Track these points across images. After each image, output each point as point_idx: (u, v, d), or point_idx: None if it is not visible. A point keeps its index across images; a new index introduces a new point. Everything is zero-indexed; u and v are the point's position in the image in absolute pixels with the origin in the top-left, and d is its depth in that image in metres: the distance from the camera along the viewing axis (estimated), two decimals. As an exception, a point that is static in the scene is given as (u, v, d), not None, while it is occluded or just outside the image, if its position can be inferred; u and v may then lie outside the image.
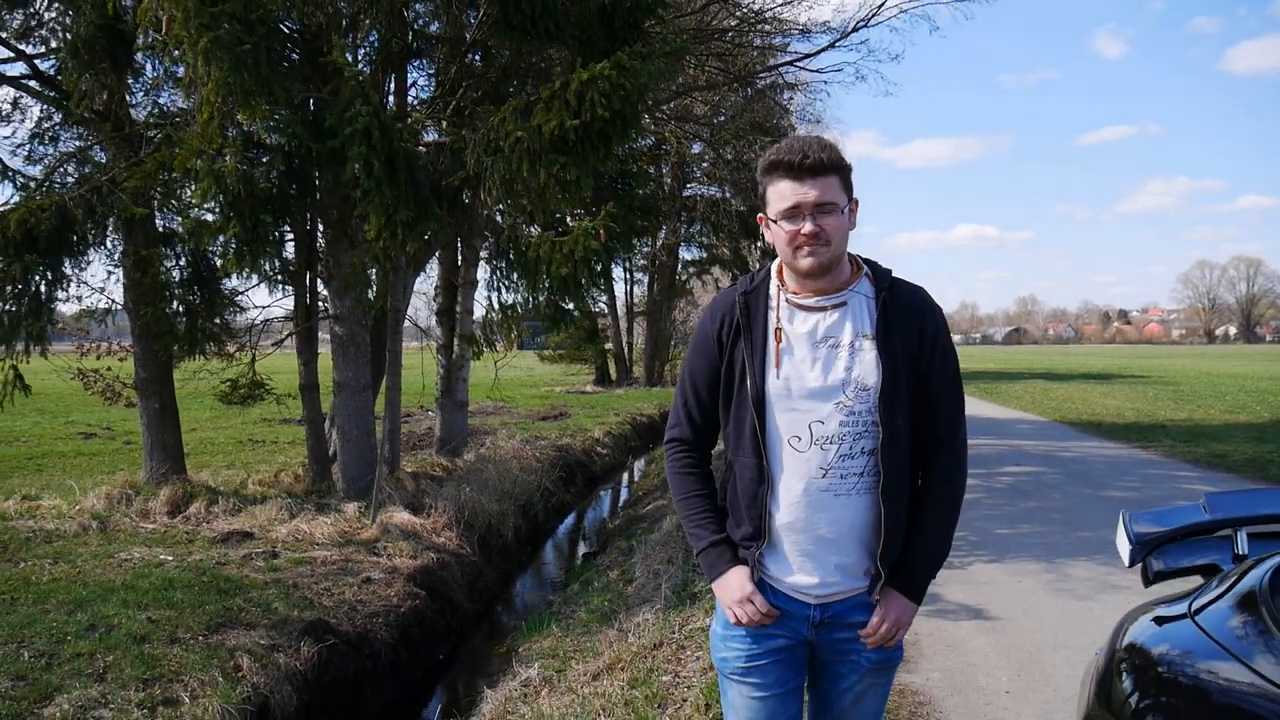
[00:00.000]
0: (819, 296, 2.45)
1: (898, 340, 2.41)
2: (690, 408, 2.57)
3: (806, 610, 2.45)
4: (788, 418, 2.40)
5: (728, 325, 2.50)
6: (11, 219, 6.91)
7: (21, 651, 5.90)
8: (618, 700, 4.41)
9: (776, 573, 2.46)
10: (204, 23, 5.61)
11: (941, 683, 4.57)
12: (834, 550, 2.41)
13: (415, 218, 6.45)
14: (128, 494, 10.21)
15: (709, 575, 2.55)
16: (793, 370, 2.41)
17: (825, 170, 2.35)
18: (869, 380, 2.37)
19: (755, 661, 2.48)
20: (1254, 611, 1.97)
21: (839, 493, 2.38)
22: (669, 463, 2.63)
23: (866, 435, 2.37)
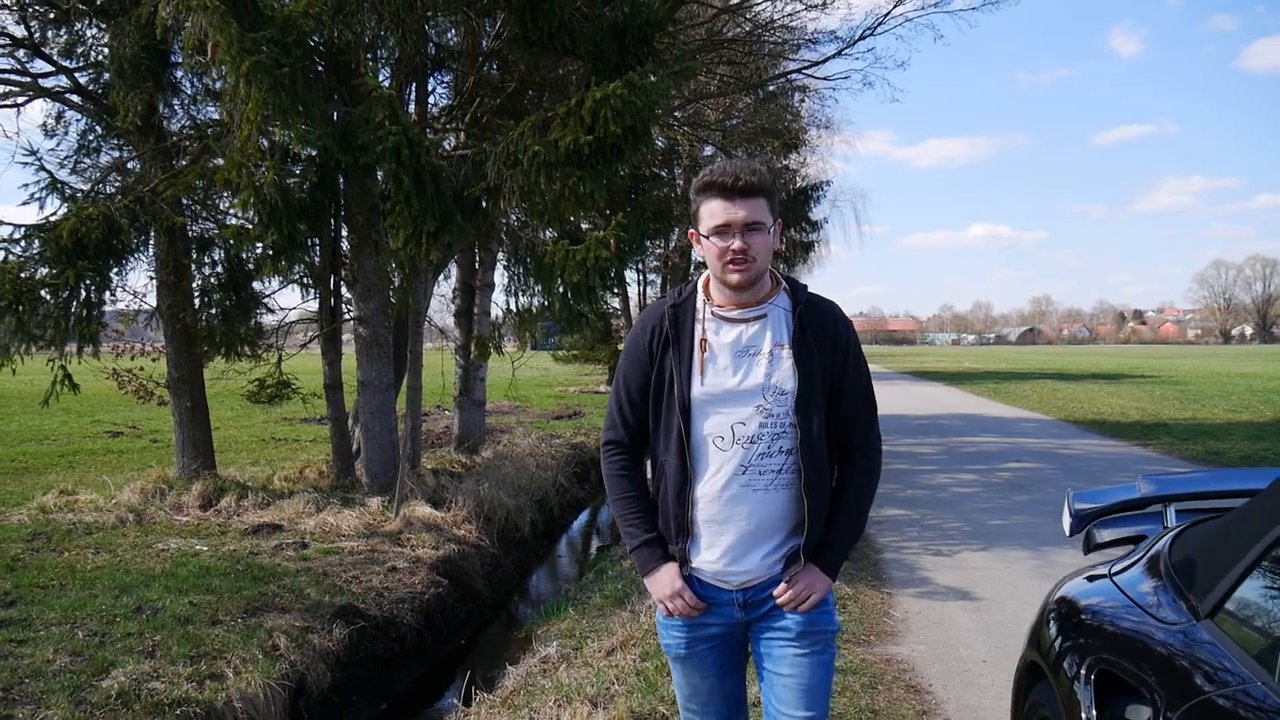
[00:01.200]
0: (741, 309, 2.64)
1: (813, 349, 2.60)
2: (625, 412, 2.73)
3: (731, 595, 2.64)
4: (712, 421, 2.59)
5: (657, 336, 2.68)
6: (64, 228, 7.37)
7: (75, 631, 6.35)
8: (630, 671, 4.83)
9: (700, 564, 2.64)
10: (246, 48, 6.05)
11: (925, 654, 5.01)
12: (753, 540, 2.59)
13: (440, 227, 6.89)
14: (161, 488, 10.67)
15: (641, 572, 2.74)
16: (715, 377, 2.59)
17: (754, 192, 2.54)
18: (786, 385, 2.56)
19: (692, 648, 2.69)
20: (1157, 571, 2.37)
21: (757, 488, 2.57)
22: (605, 464, 2.78)
23: (784, 435, 2.57)
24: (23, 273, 7.55)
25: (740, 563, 2.61)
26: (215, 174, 7.12)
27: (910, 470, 12.06)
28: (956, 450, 14.42)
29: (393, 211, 6.82)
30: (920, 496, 10.12)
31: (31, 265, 7.79)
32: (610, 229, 7.33)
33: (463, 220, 7.23)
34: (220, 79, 6.65)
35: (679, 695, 2.83)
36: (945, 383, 34.91)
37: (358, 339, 10.66)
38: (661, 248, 32.30)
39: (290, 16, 6.49)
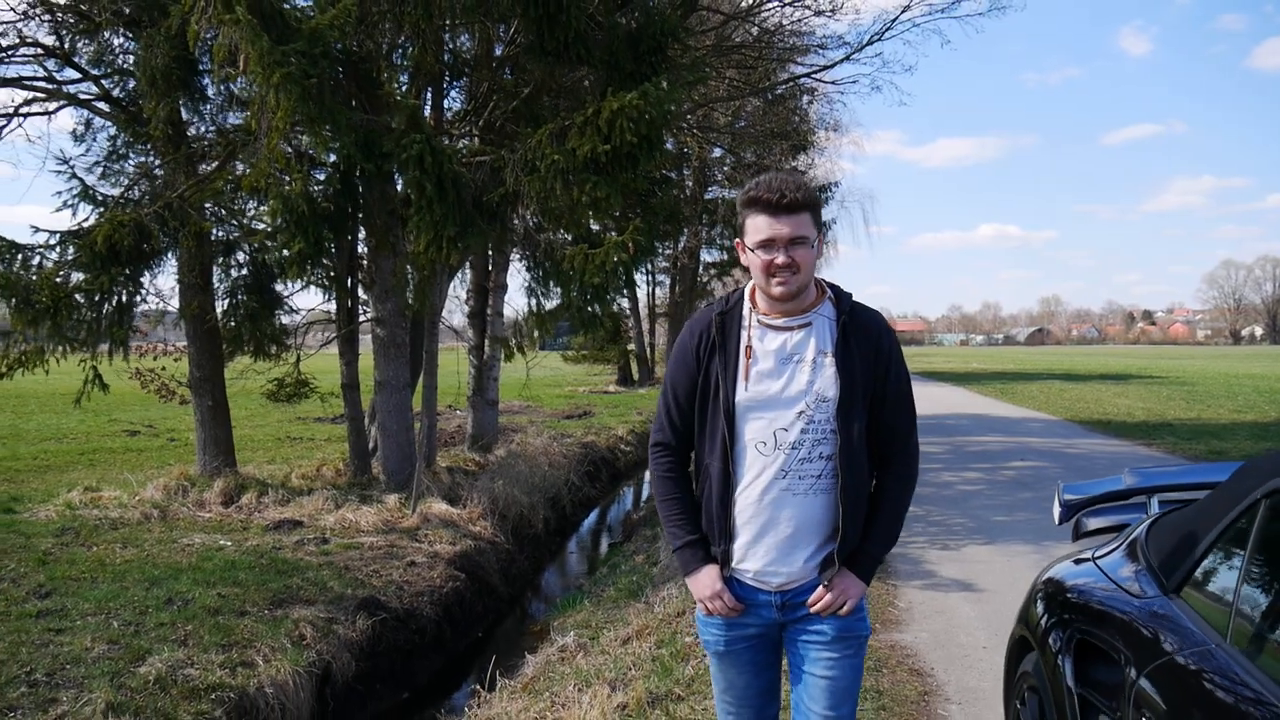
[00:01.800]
0: (787, 317, 2.67)
1: (856, 357, 2.63)
2: (672, 415, 2.79)
3: (770, 598, 2.69)
4: (755, 425, 2.64)
5: (705, 342, 2.73)
6: (98, 234, 7.63)
7: (110, 621, 6.60)
8: (646, 658, 5.05)
9: (741, 565, 2.69)
10: (276, 60, 6.29)
11: (928, 640, 5.25)
12: (792, 544, 2.64)
13: (461, 232, 7.13)
14: (183, 485, 10.92)
15: (683, 572, 2.79)
16: (760, 383, 2.64)
17: (799, 208, 2.58)
18: (828, 392, 2.60)
19: (731, 646, 2.75)
20: (1135, 554, 2.60)
21: (797, 492, 2.62)
22: (652, 465, 2.84)
23: (825, 441, 2.61)
24: (58, 277, 7.81)
25: (780, 565, 2.66)
26: (242, 180, 7.36)
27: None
28: (962, 449, 14.61)
29: (415, 217, 7.07)
30: (926, 494, 10.31)
31: (66, 270, 8.06)
32: (629, 233, 7.56)
33: (482, 225, 7.48)
34: (248, 88, 6.87)
35: (715, 688, 2.89)
36: (953, 383, 35.03)
37: (375, 339, 10.90)
38: (670, 249, 32.52)
39: (317, 28, 6.74)
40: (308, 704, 6.16)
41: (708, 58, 14.92)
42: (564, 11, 7.57)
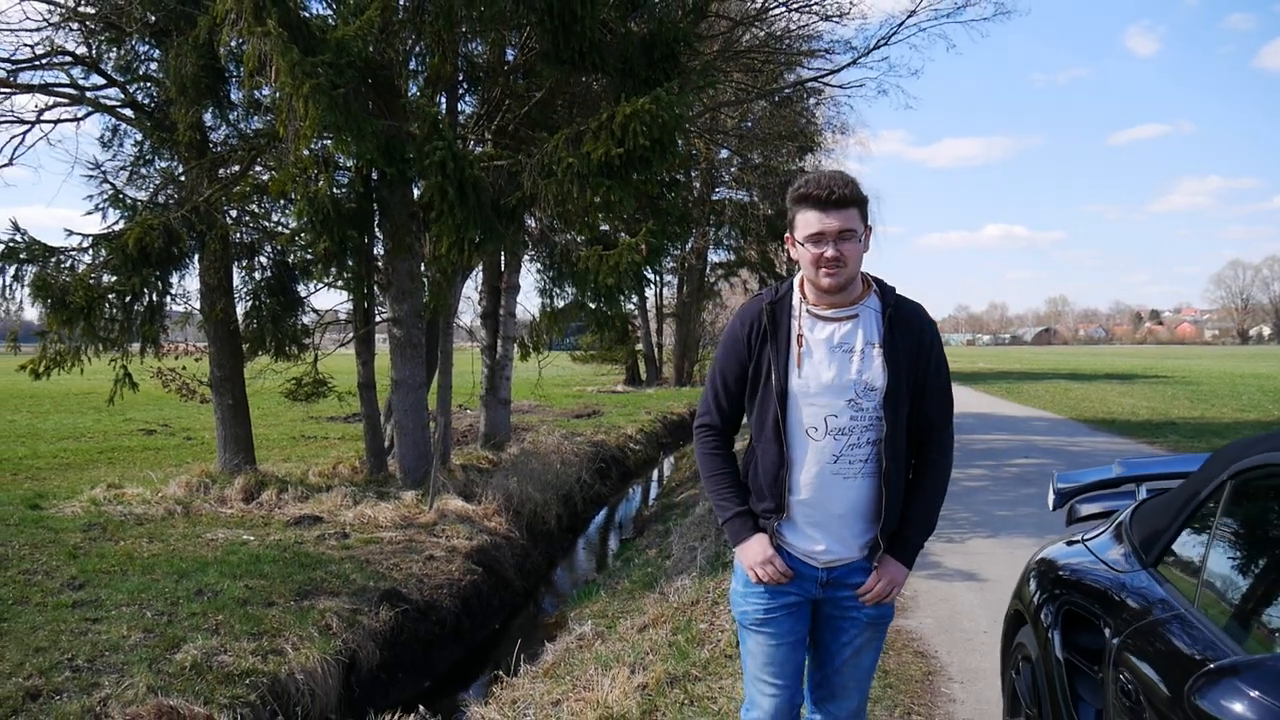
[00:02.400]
0: (835, 309, 2.78)
1: (901, 349, 2.74)
2: (720, 399, 2.91)
3: (815, 573, 2.81)
4: (806, 411, 2.75)
5: (756, 330, 2.83)
6: (129, 237, 7.89)
7: (144, 611, 6.85)
8: (663, 644, 5.28)
9: (792, 540, 2.81)
10: (306, 70, 6.54)
11: (933, 625, 5.49)
12: (840, 524, 2.77)
13: (482, 234, 7.38)
14: (205, 482, 11.17)
15: (733, 540, 2.89)
16: (812, 371, 2.74)
17: (847, 204, 2.69)
18: (876, 382, 2.72)
19: (771, 614, 2.85)
20: (1120, 535, 2.84)
21: (846, 476, 2.74)
22: (699, 445, 2.96)
23: (872, 428, 2.72)
24: (91, 279, 8.08)
25: (829, 544, 2.78)
26: (270, 184, 7.62)
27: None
28: (968, 447, 14.81)
29: (437, 221, 7.31)
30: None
31: (98, 272, 8.32)
32: (642, 234, 7.81)
33: (500, 227, 7.72)
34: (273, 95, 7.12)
35: (750, 667, 2.94)
36: (959, 383, 35.16)
37: (392, 339, 11.14)
38: (678, 250, 32.75)
39: (343, 39, 6.98)
40: (335, 690, 6.40)
41: (716, 62, 15.17)
42: (579, 22, 7.81)
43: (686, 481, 13.97)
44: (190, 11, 8.16)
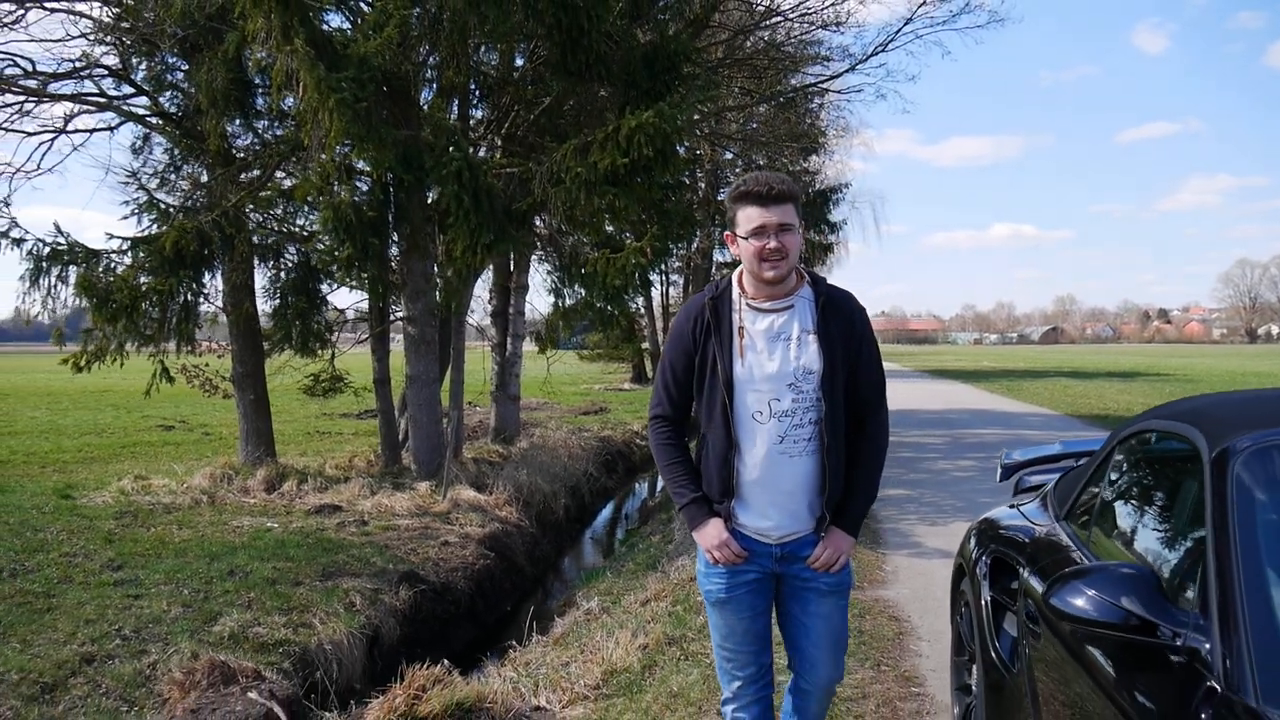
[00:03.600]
0: (773, 300, 2.97)
1: (834, 334, 2.94)
2: (670, 390, 3.08)
3: (769, 549, 2.99)
4: (751, 397, 2.93)
5: (700, 324, 3.01)
6: (166, 241, 8.41)
7: (181, 589, 7.35)
8: (663, 614, 5.77)
9: (744, 520, 2.99)
10: (331, 86, 7.03)
11: (908, 595, 5.98)
12: (789, 500, 2.95)
13: (495, 238, 7.87)
14: (228, 474, 11.68)
15: (690, 526, 3.07)
16: (754, 360, 2.93)
17: (785, 199, 2.89)
18: (814, 366, 2.91)
19: (732, 592, 3.03)
20: (1045, 499, 3.33)
21: (792, 455, 2.93)
22: (653, 435, 3.14)
23: (813, 409, 2.92)
24: (132, 280, 8.59)
25: (779, 520, 2.96)
26: (295, 191, 8.13)
27: (915, 458, 12.89)
28: (960, 441, 15.27)
29: (453, 226, 7.80)
30: (922, 479, 10.99)
31: (136, 273, 8.83)
32: (646, 239, 8.31)
33: (512, 231, 8.22)
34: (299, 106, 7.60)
35: (715, 637, 3.17)
36: (962, 381, 35.61)
37: (406, 337, 11.62)
38: (683, 249, 33.16)
39: (365, 55, 7.47)
40: (360, 661, 6.89)
41: (719, 68, 15.65)
42: (585, 35, 8.29)
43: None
44: (218, 27, 8.67)
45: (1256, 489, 2.04)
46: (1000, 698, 2.91)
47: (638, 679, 4.58)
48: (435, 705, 4.17)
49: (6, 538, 8.76)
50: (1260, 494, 2.03)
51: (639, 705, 4.19)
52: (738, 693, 3.15)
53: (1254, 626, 1.78)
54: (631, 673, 4.66)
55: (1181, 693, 1.84)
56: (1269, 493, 2.04)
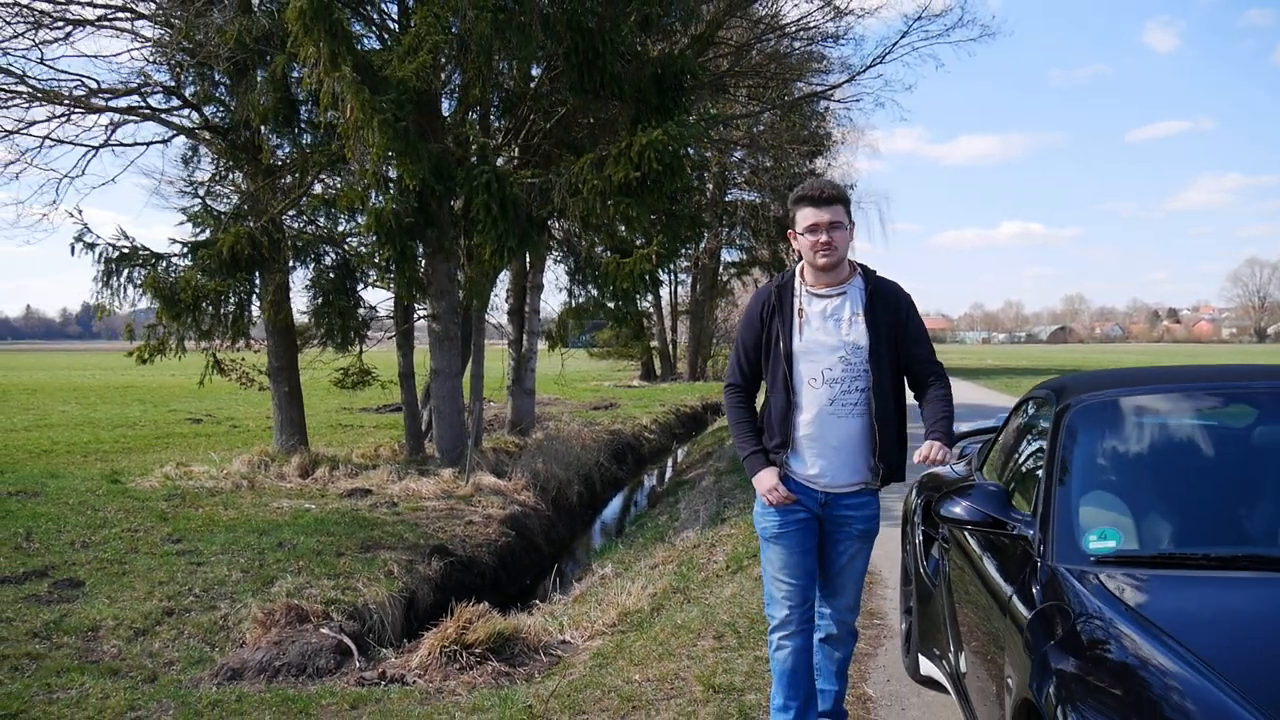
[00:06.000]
0: (828, 288, 3.49)
1: (880, 316, 3.45)
2: (742, 364, 3.61)
3: (815, 494, 3.49)
4: (807, 367, 3.45)
5: (766, 307, 3.55)
6: (223, 245, 9.25)
7: (237, 558, 8.18)
8: (669, 573, 6.59)
9: (795, 469, 3.50)
10: (375, 107, 7.86)
11: (882, 556, 6.72)
12: (835, 454, 3.46)
13: (519, 243, 8.70)
14: (264, 461, 12.51)
15: (750, 472, 3.57)
16: (811, 336, 3.45)
17: (834, 201, 3.44)
18: (861, 342, 3.42)
19: (784, 529, 3.52)
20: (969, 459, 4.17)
21: (840, 416, 3.44)
22: (727, 399, 3.69)
23: (860, 378, 3.43)
24: (195, 280, 9.45)
25: (824, 469, 3.46)
26: (338, 200, 8.97)
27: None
28: (953, 433, 16.03)
29: (481, 231, 8.63)
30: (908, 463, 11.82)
31: (195, 275, 9.68)
32: (653, 245, 9.15)
33: (534, 236, 9.05)
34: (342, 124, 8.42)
35: (768, 570, 3.62)
36: (964, 378, 36.25)
37: (431, 333, 12.44)
38: (692, 250, 33.89)
39: (403, 78, 8.30)
40: (400, 621, 7.71)
41: (725, 76, 16.46)
42: (600, 57, 9.11)
43: (697, 463, 15.25)
44: (265, 50, 9.50)
45: (1079, 431, 2.90)
46: (928, 607, 3.78)
47: (647, 618, 5.41)
48: (480, 633, 5.00)
49: (71, 516, 9.62)
50: (1081, 436, 2.89)
51: (648, 635, 5.01)
52: (785, 621, 3.57)
53: (1058, 521, 2.64)
54: (642, 613, 5.48)
55: (1020, 563, 2.72)
56: (1086, 434, 2.91)
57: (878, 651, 4.89)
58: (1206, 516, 2.78)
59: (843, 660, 3.71)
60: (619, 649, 4.98)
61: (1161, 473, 2.94)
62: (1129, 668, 2.05)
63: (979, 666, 2.96)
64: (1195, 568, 2.55)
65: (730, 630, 5.02)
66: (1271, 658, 2.04)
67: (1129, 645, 2.10)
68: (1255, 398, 3.11)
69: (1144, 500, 2.82)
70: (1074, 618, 2.29)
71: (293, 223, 11.28)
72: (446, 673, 5.04)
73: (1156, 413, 3.10)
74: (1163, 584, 2.46)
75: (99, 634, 6.25)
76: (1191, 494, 2.87)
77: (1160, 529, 2.75)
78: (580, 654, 5.12)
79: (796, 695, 3.60)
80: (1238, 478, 2.87)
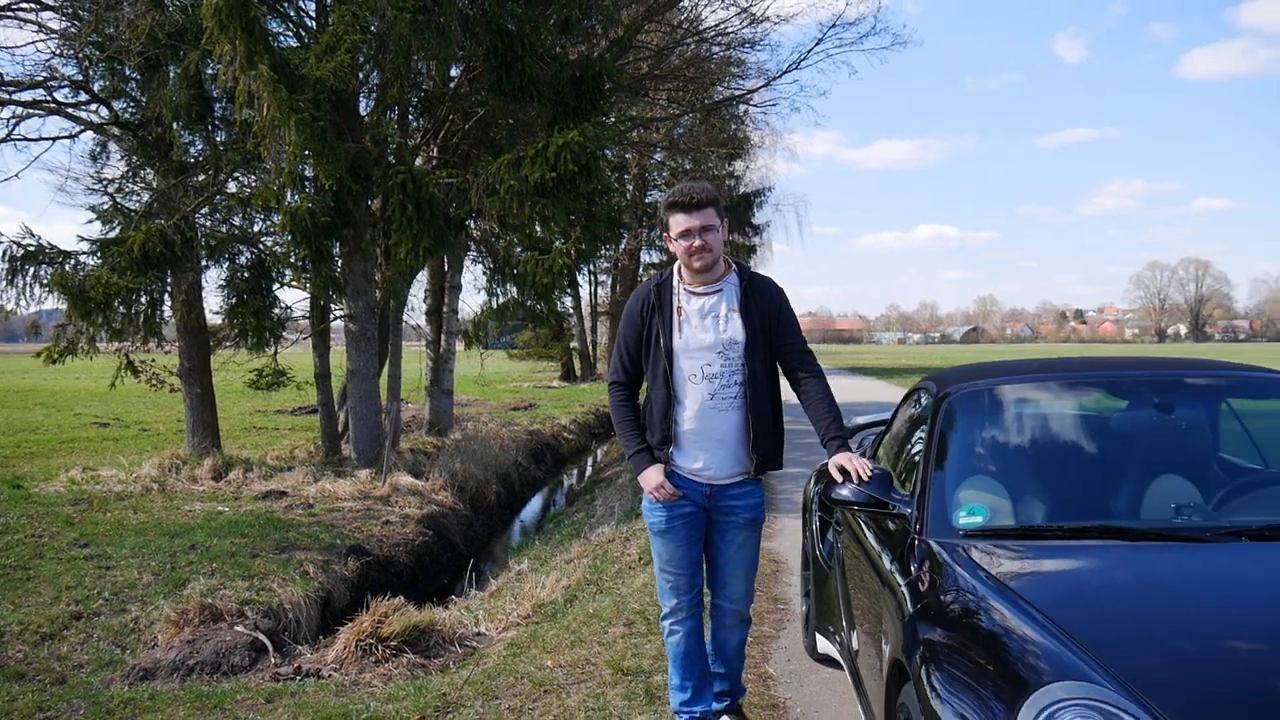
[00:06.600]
0: (704, 286, 3.59)
1: (755, 312, 3.55)
2: (624, 361, 3.69)
3: (700, 487, 3.61)
4: (687, 364, 3.54)
5: (647, 305, 3.63)
6: (134, 243, 9.09)
7: (148, 561, 8.08)
8: (584, 566, 6.72)
9: (680, 463, 3.61)
10: (292, 107, 7.83)
11: (789, 546, 7.08)
12: (718, 447, 3.57)
13: (435, 243, 8.74)
14: (176, 464, 12.30)
15: (636, 470, 3.65)
16: (689, 333, 3.55)
17: (705, 205, 3.49)
18: (738, 338, 3.52)
19: (671, 523, 3.64)
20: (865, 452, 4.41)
21: (720, 409, 3.54)
22: (611, 397, 3.75)
23: (738, 373, 3.52)
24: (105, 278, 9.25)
25: (708, 463, 3.57)
26: (254, 199, 8.88)
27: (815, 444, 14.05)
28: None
29: (398, 231, 8.65)
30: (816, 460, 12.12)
31: (104, 273, 9.48)
32: (571, 242, 9.26)
33: (451, 236, 9.09)
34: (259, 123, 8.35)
35: (657, 562, 3.75)
36: (878, 377, 37.14)
37: (348, 334, 12.37)
38: (612, 250, 34.04)
39: (321, 77, 8.28)
40: (315, 620, 7.71)
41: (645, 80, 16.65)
42: (519, 60, 9.21)
43: (615, 462, 15.40)
44: (178, 45, 9.38)
45: (955, 418, 3.15)
46: (824, 588, 4.00)
47: (561, 609, 5.54)
48: (396, 627, 5.08)
49: (-30, 523, 9.36)
50: (956, 422, 3.14)
51: (562, 625, 5.15)
52: (675, 609, 3.74)
53: (933, 499, 2.87)
54: (556, 605, 5.61)
55: (900, 540, 2.94)
56: (961, 420, 3.17)
57: (780, 634, 5.10)
58: (1067, 493, 3.08)
59: (738, 645, 3.87)
60: (533, 638, 5.11)
61: (1027, 454, 3.24)
62: (986, 629, 2.28)
63: (867, 641, 3.18)
64: (1051, 539, 2.82)
65: (640, 618, 5.18)
66: (1108, 613, 2.29)
67: (987, 608, 2.33)
68: (1114, 386, 3.43)
69: (1012, 479, 3.10)
70: (941, 585, 2.51)
71: (206, 221, 11.12)
72: (362, 666, 5.11)
73: (1025, 401, 3.40)
74: (1021, 554, 2.73)
75: (3, 639, 6.15)
76: (1053, 473, 3.18)
77: (1025, 505, 3.03)
78: (495, 645, 5.23)
79: (692, 674, 3.78)
80: (1095, 458, 3.18)
